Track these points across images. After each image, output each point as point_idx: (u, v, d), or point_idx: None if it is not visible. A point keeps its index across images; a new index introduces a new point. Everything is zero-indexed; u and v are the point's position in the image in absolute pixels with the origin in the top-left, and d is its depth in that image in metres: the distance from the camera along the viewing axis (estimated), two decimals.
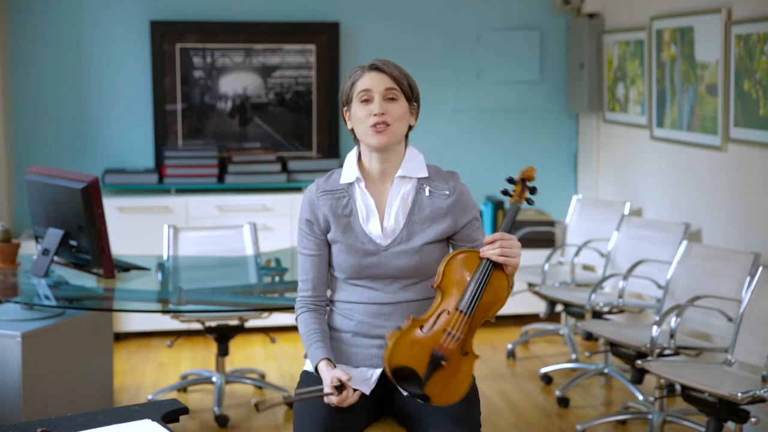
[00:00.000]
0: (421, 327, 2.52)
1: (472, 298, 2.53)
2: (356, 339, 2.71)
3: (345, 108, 2.73)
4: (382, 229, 2.67)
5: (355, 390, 2.57)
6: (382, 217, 2.69)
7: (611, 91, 6.05)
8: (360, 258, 2.65)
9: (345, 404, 2.55)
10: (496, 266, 2.55)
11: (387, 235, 2.67)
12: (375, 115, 2.62)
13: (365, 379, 2.69)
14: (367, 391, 2.66)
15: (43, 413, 3.69)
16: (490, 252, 2.53)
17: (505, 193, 2.64)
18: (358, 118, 2.66)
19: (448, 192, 2.69)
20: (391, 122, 2.63)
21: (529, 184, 2.63)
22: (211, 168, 6.02)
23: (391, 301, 2.67)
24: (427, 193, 2.69)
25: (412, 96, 2.70)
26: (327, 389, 2.54)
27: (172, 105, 6.15)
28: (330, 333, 2.77)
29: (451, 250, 2.73)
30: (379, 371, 2.69)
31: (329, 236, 2.70)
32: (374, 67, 2.66)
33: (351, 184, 2.71)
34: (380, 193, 2.71)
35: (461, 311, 2.53)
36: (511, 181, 2.63)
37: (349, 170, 2.71)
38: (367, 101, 2.65)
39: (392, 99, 2.65)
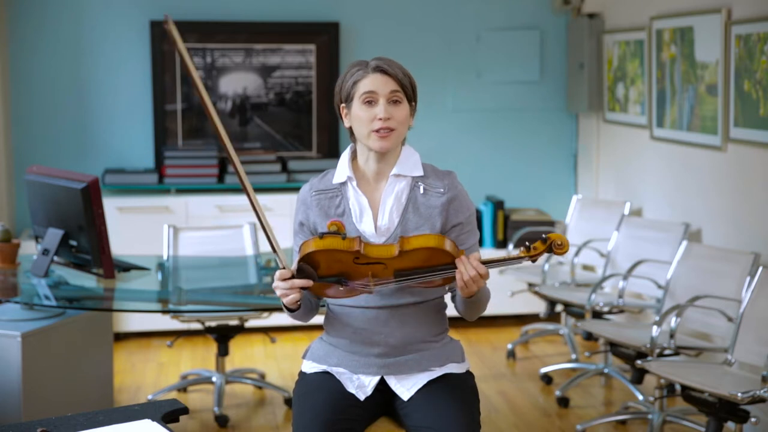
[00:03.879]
0: (357, 257, 2.47)
1: (410, 280, 2.51)
2: (354, 346, 2.70)
3: (342, 105, 2.68)
4: (375, 227, 2.65)
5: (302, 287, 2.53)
6: (375, 215, 2.66)
7: (611, 91, 6.05)
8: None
9: (286, 287, 2.52)
10: (452, 274, 2.50)
11: (381, 233, 2.64)
12: (380, 119, 2.59)
13: (362, 386, 2.68)
14: (362, 398, 2.66)
15: (43, 413, 3.69)
16: (463, 269, 2.47)
17: (526, 247, 2.47)
18: (359, 118, 2.62)
19: (442, 190, 2.65)
20: (395, 126, 2.60)
21: (553, 249, 2.46)
22: (211, 168, 6.03)
23: (387, 304, 2.63)
24: (421, 191, 2.65)
25: (413, 97, 2.67)
26: (288, 268, 2.52)
27: (172, 105, 6.15)
28: (328, 338, 2.77)
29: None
30: (376, 379, 2.68)
31: None
32: (379, 69, 2.61)
33: (343, 184, 2.68)
34: (374, 192, 2.68)
35: (394, 278, 2.51)
36: (543, 240, 2.45)
37: (341, 170, 2.69)
38: (370, 103, 2.60)
39: (396, 102, 2.61)
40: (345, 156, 2.71)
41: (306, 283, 2.52)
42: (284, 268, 2.53)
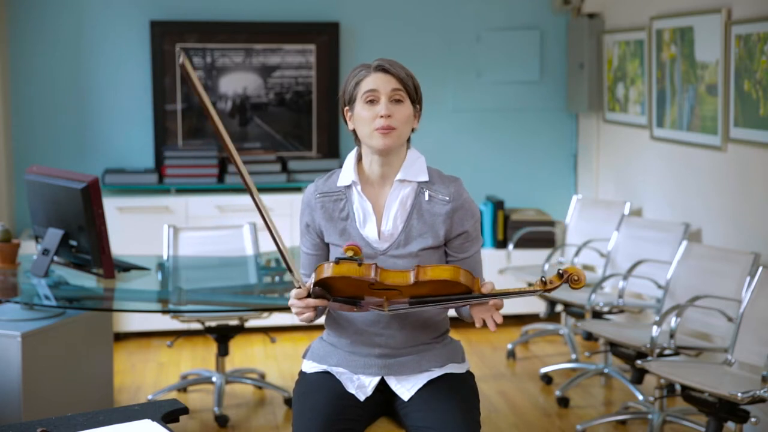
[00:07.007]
0: (372, 284, 2.45)
1: (424, 306, 2.50)
2: (354, 347, 2.70)
3: (346, 108, 2.67)
4: (379, 233, 2.64)
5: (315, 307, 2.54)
6: (379, 220, 2.65)
7: (611, 91, 6.05)
8: None
9: (301, 306, 2.53)
10: (466, 304, 2.49)
11: (384, 239, 2.63)
12: (381, 116, 2.57)
13: (362, 386, 2.68)
14: (362, 398, 2.66)
15: (43, 413, 3.69)
16: (477, 312, 2.49)
17: (543, 281, 2.41)
18: (362, 118, 2.61)
19: (448, 198, 2.63)
20: (396, 125, 2.58)
21: (569, 284, 2.42)
22: (211, 168, 6.03)
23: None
24: (426, 198, 2.64)
25: (416, 98, 2.65)
26: (304, 287, 2.52)
27: (172, 105, 6.15)
28: (328, 338, 2.77)
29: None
30: (377, 379, 2.69)
31: (326, 239, 2.69)
32: (381, 68, 2.60)
33: (348, 187, 2.67)
34: (378, 196, 2.67)
35: (409, 303, 2.49)
36: (560, 275, 2.40)
37: (346, 173, 2.68)
38: (372, 102, 2.59)
39: (398, 101, 2.60)
40: (351, 158, 2.70)
41: (321, 303, 2.52)
42: (300, 287, 2.52)
